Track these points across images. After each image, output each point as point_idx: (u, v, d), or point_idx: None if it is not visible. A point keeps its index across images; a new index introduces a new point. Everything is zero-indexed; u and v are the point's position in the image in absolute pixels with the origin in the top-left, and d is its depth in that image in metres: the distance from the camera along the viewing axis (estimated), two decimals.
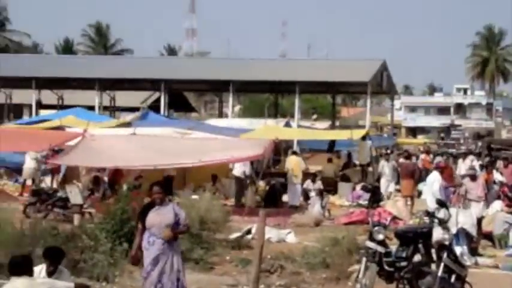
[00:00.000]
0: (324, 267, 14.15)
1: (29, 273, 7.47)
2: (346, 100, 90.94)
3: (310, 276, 13.93)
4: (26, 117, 48.57)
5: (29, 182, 26.19)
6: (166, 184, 10.46)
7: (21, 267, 7.41)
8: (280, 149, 29.37)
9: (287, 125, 35.70)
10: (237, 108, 70.45)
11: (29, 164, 25.91)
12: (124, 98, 48.96)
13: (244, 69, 43.87)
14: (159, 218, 9.96)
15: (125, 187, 18.81)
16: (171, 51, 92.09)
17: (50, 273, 8.72)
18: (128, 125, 30.88)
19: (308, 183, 25.64)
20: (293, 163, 25.88)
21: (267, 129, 29.61)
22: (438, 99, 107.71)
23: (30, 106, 46.16)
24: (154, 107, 44.64)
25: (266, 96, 65.72)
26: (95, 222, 15.77)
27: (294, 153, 28.30)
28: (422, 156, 35.85)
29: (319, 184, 25.41)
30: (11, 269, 7.46)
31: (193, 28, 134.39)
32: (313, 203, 23.03)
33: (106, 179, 24.07)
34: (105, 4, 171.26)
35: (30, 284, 7.28)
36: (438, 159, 34.52)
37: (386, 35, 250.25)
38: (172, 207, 10.24)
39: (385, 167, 27.13)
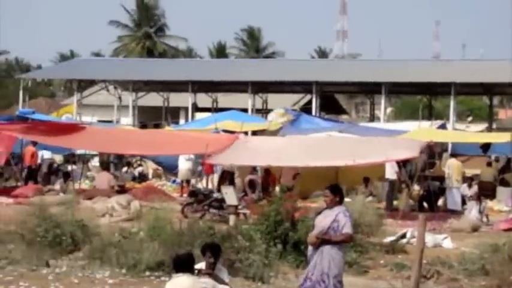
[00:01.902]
0: (483, 275, 13.68)
1: (191, 270, 7.68)
2: (503, 101, 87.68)
3: (469, 283, 13.51)
4: (182, 120, 50.11)
5: (185, 183, 27.01)
6: (336, 190, 10.11)
7: (185, 265, 7.63)
8: (435, 152, 28.66)
9: (442, 127, 34.82)
10: (389, 110, 69.49)
11: (184, 165, 26.67)
12: (276, 100, 49.44)
13: (397, 70, 43.24)
14: (322, 221, 9.87)
15: (277, 189, 18.99)
16: (322, 54, 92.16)
17: (210, 267, 8.86)
18: (279, 128, 31.12)
19: (464, 188, 24.94)
20: (454, 167, 25.20)
21: (421, 132, 28.96)
22: None
23: (186, 109, 47.55)
24: (306, 109, 44.79)
25: (419, 98, 64.50)
26: (250, 223, 16.00)
27: (453, 156, 27.57)
28: None
29: (475, 188, 24.68)
30: (175, 266, 7.68)
31: (344, 30, 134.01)
32: (470, 208, 22.34)
33: (259, 181, 24.48)
34: (257, 8, 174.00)
35: (192, 282, 7.48)
36: None
37: None
38: (337, 212, 9.78)
39: None
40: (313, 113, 42.03)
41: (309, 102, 46.62)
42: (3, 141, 23.57)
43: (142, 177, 31.27)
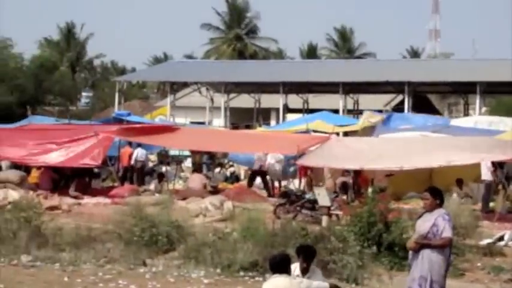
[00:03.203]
0: None
1: (287, 271, 7.71)
2: None
3: None
4: (273, 122, 50.34)
5: (276, 183, 27.10)
6: (436, 192, 9.85)
7: (281, 265, 7.67)
8: None
9: None
10: (484, 110, 67.81)
11: (274, 165, 26.77)
12: (367, 101, 49.12)
13: (491, 69, 42.28)
14: (421, 225, 9.67)
15: (370, 190, 18.84)
16: (414, 54, 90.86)
17: (304, 271, 8.89)
18: (371, 128, 30.90)
19: None
20: None
21: None
22: None
23: (277, 110, 47.76)
24: (398, 109, 44.33)
25: None
26: (343, 224, 15.94)
27: None
28: None
29: None
30: (271, 267, 7.73)
31: (436, 29, 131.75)
32: None
33: (351, 182, 24.31)
34: (348, 8, 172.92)
35: (289, 282, 7.51)
36: None
37: None
38: (436, 216, 9.50)
39: None
40: (406, 113, 41.51)
41: (401, 102, 46.14)
42: (101, 143, 24.21)
43: (235, 178, 31.55)
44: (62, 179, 24.82)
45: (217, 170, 32.11)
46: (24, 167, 26.08)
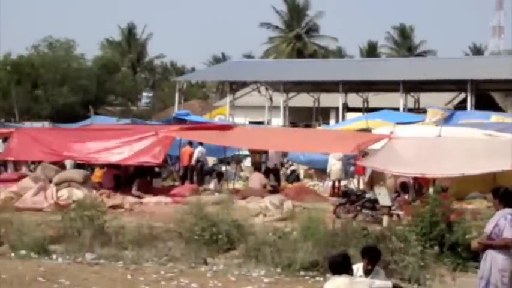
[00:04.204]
0: None
1: (349, 271, 7.67)
2: None
3: None
4: (332, 121, 50.14)
5: (336, 183, 26.99)
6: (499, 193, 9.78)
7: (342, 265, 7.63)
8: None
9: None
10: None
11: (335, 164, 26.65)
12: (428, 99, 48.49)
13: None
14: (487, 226, 9.57)
15: (431, 190, 18.59)
16: (477, 51, 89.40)
17: (367, 272, 8.82)
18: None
19: None
20: None
21: None
22: None
23: (336, 109, 47.56)
24: (460, 108, 43.69)
25: None
26: (404, 224, 15.78)
27: None
28: None
29: None
30: (331, 267, 7.70)
31: (500, 26, 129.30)
32: None
33: (411, 182, 24.01)
34: (408, 6, 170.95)
35: (350, 283, 7.47)
36: None
37: None
38: (499, 216, 9.43)
39: None
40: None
41: (463, 100, 45.48)
42: (161, 141, 24.45)
43: (295, 177, 31.54)
44: (124, 178, 25.16)
45: None
46: (88, 166, 26.54)
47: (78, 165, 26.16)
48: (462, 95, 48.01)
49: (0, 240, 15.16)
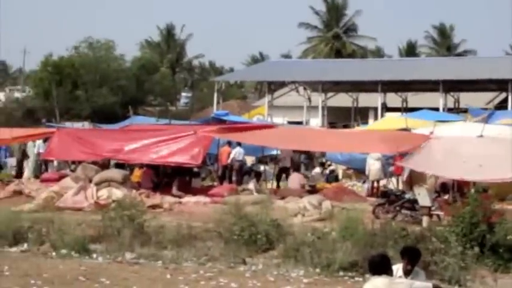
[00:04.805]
0: None
1: (388, 272, 7.62)
2: None
3: None
4: (371, 121, 49.87)
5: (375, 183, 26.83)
6: None
7: (381, 266, 7.58)
8: None
9: None
10: None
11: (374, 164, 26.49)
12: (468, 99, 48.01)
13: None
14: None
15: (472, 190, 18.37)
16: None
17: (407, 273, 8.76)
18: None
19: None
20: None
21: None
22: None
23: (375, 109, 47.31)
24: (501, 108, 43.14)
25: None
26: (444, 225, 15.64)
27: None
28: None
29: None
30: (370, 267, 7.67)
31: None
32: None
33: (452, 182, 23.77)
34: (449, 5, 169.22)
35: (389, 283, 7.42)
36: None
37: None
38: None
39: None
40: None
41: (504, 100, 44.91)
42: (200, 141, 24.51)
43: (334, 177, 31.43)
44: (164, 178, 25.29)
45: (318, 169, 32.00)
46: (128, 166, 26.73)
47: (118, 165, 26.34)
48: (503, 95, 47.43)
49: (42, 239, 15.37)
